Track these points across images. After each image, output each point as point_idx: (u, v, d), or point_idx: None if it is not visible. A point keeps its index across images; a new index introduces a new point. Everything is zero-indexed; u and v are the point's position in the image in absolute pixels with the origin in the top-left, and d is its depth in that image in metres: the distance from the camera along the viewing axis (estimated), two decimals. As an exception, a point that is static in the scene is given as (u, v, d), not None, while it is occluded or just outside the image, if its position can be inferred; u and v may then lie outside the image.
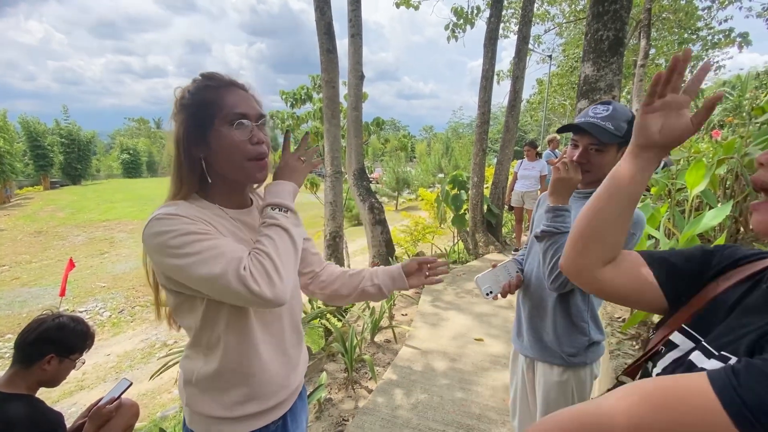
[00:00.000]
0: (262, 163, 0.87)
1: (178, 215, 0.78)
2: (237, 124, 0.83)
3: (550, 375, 1.28)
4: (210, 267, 0.75)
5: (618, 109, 1.15)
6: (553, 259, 1.16)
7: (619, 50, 3.57)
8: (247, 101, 0.87)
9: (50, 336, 1.38)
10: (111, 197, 21.90)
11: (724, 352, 0.47)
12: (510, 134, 6.04)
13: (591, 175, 1.19)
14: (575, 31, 14.33)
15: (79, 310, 8.23)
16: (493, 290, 1.33)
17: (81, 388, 5.39)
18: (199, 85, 0.86)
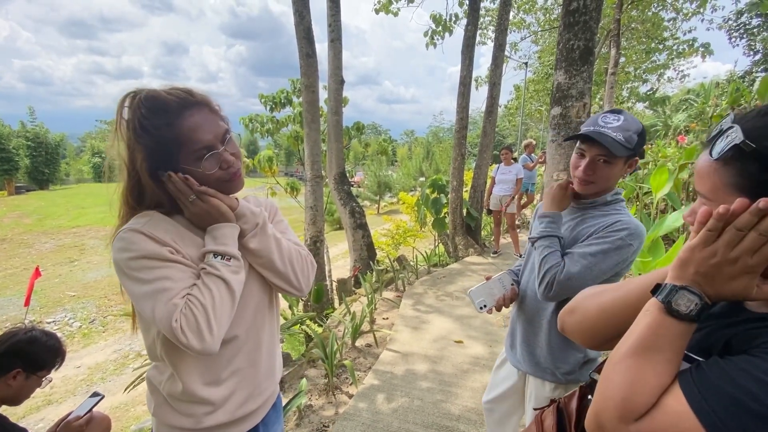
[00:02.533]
0: (238, 176, 0.87)
1: (142, 233, 0.78)
2: (206, 159, 0.81)
3: (542, 390, 1.27)
4: (150, 306, 0.77)
5: (629, 119, 1.11)
6: (545, 266, 1.16)
7: (590, 59, 3.72)
8: (208, 123, 0.81)
9: (20, 349, 1.33)
10: (81, 202, 21.04)
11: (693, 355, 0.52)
12: (488, 139, 6.17)
13: (595, 186, 1.16)
14: (550, 39, 14.77)
15: (46, 321, 7.86)
16: (486, 304, 1.29)
17: (49, 402, 5.14)
18: (150, 121, 0.78)
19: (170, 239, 0.81)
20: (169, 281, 0.78)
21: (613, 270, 1.12)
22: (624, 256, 1.11)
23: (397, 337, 3.27)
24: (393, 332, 3.36)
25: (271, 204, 1.10)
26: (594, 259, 1.11)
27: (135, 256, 0.77)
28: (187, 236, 0.86)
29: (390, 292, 4.61)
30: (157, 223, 0.82)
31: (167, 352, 0.85)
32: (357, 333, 3.24)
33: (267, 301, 0.99)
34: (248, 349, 0.94)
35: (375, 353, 3.09)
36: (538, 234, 1.24)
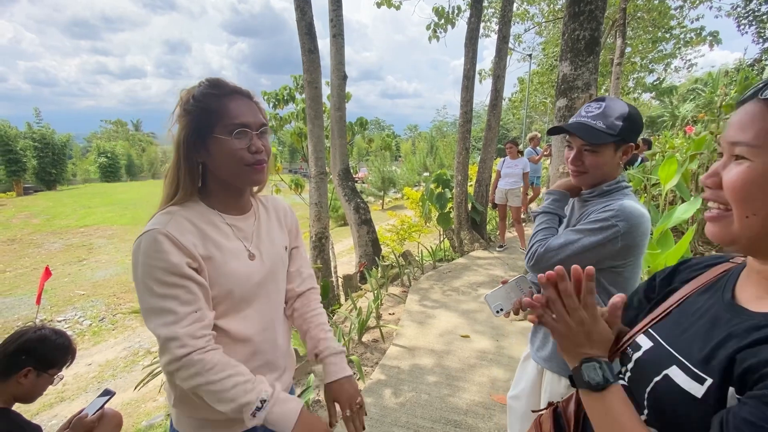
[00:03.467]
0: (259, 167, 0.90)
1: (167, 236, 0.82)
2: (237, 133, 0.86)
3: (558, 386, 1.25)
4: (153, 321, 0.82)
5: (611, 105, 1.10)
6: (533, 239, 1.20)
7: (595, 49, 3.66)
8: (250, 110, 0.89)
9: (30, 348, 1.34)
10: (88, 202, 21.26)
11: (700, 372, 0.49)
12: (492, 132, 6.12)
13: (588, 176, 1.16)
14: (554, 30, 14.60)
15: (57, 320, 7.97)
16: (503, 308, 1.29)
17: (61, 399, 5.23)
18: (203, 91, 0.87)
19: (191, 241, 0.85)
20: (176, 303, 0.82)
21: (597, 250, 1.10)
22: (608, 236, 1.08)
23: (403, 333, 3.27)
24: (399, 327, 3.37)
25: (295, 221, 1.14)
26: (575, 235, 1.12)
27: (153, 265, 0.81)
28: (213, 226, 0.90)
29: (396, 288, 4.61)
30: (181, 221, 0.86)
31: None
32: (363, 329, 3.25)
33: (281, 302, 1.04)
34: (264, 348, 0.97)
35: (381, 348, 3.10)
36: (541, 209, 1.26)
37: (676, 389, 0.50)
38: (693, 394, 0.48)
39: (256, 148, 0.88)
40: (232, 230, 0.94)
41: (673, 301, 0.63)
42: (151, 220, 0.86)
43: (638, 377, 0.58)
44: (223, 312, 0.90)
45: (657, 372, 0.55)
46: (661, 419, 0.53)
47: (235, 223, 0.95)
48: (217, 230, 0.91)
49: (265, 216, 1.05)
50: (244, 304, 0.93)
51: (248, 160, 0.88)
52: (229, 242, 0.92)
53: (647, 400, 0.55)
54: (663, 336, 0.59)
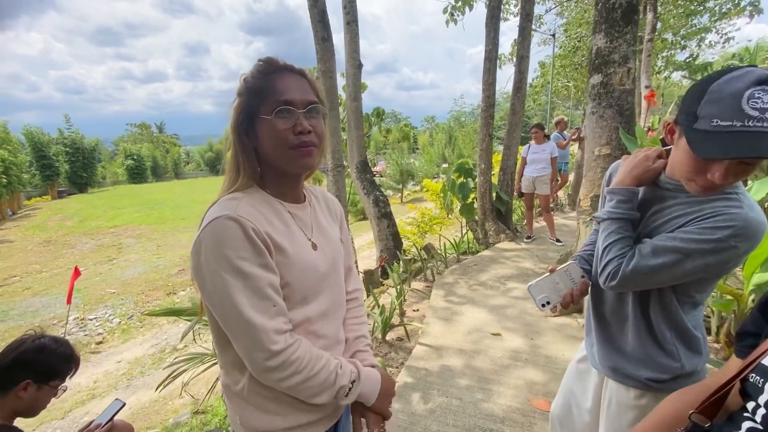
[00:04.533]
0: (306, 150, 0.82)
1: (237, 222, 0.76)
2: (278, 111, 0.79)
3: (625, 397, 1.05)
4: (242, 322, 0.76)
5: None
6: (607, 255, 0.95)
7: (633, 18, 3.34)
8: (297, 87, 0.82)
9: (28, 359, 1.25)
10: (117, 203, 22.01)
11: None
12: (516, 117, 5.81)
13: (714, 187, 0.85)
14: (577, 9, 13.91)
15: (89, 318, 8.22)
16: (551, 300, 1.07)
17: (93, 396, 5.34)
18: (253, 70, 0.83)
19: (263, 227, 0.80)
20: (256, 295, 0.77)
21: (701, 272, 0.88)
22: (722, 260, 0.85)
23: (429, 330, 3.10)
24: (424, 325, 3.19)
25: (342, 213, 1.10)
26: (675, 256, 0.86)
27: (226, 254, 0.74)
28: (277, 214, 0.86)
29: (419, 283, 4.43)
30: (248, 207, 0.80)
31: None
32: (387, 326, 3.10)
33: (343, 295, 1.01)
34: (328, 344, 0.93)
35: (407, 348, 2.94)
36: (605, 215, 1.01)
37: None
38: None
39: (301, 128, 0.80)
40: (294, 219, 0.89)
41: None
42: (213, 207, 0.81)
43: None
44: (290, 305, 0.84)
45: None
46: None
47: (295, 211, 0.91)
48: (281, 218, 0.86)
49: (319, 206, 1.01)
50: (311, 296, 0.88)
51: (292, 142, 0.81)
52: (293, 232, 0.87)
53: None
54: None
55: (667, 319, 0.96)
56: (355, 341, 1.01)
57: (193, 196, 25.19)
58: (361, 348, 1.01)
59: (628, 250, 0.94)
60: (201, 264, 0.76)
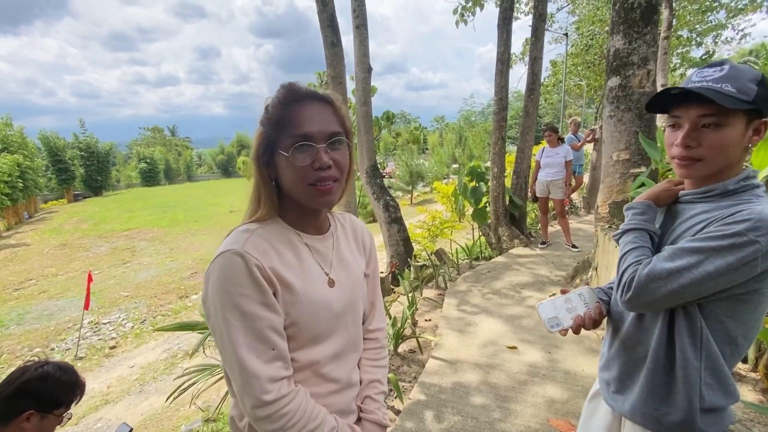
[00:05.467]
0: (325, 188, 0.78)
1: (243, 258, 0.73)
2: (297, 147, 0.75)
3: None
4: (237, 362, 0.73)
5: (738, 67, 0.82)
6: (624, 263, 0.89)
7: (653, 18, 3.22)
8: (318, 117, 0.77)
9: (31, 388, 1.21)
10: (131, 206, 22.36)
11: None
12: (530, 119, 5.68)
13: (705, 165, 0.85)
14: (589, 6, 13.66)
15: (102, 322, 8.32)
16: (561, 323, 1.01)
17: (106, 402, 5.38)
18: (275, 99, 0.79)
19: (270, 262, 0.76)
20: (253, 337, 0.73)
21: (727, 276, 0.78)
22: (744, 257, 0.76)
23: (442, 343, 3.01)
24: (437, 337, 3.11)
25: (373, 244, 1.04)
26: (694, 257, 0.79)
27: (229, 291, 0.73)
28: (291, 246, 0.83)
29: (431, 290, 4.35)
30: (259, 241, 0.78)
31: None
32: (399, 338, 3.02)
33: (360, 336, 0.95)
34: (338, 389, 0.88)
35: (419, 360, 2.86)
36: (623, 228, 0.96)
37: None
38: None
39: (320, 164, 0.76)
40: (311, 252, 0.85)
41: None
42: (228, 237, 0.80)
43: None
44: (297, 345, 0.80)
45: None
46: None
47: (314, 243, 0.87)
48: (296, 252, 0.83)
49: (344, 237, 0.95)
50: (322, 336, 0.83)
51: (310, 179, 0.76)
52: (307, 267, 0.83)
53: None
54: None
55: (694, 347, 0.85)
56: (369, 386, 0.95)
57: (206, 198, 25.49)
58: (373, 395, 0.94)
59: (645, 257, 0.87)
60: (208, 295, 0.76)
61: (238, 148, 45.82)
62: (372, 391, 0.94)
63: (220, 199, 24.34)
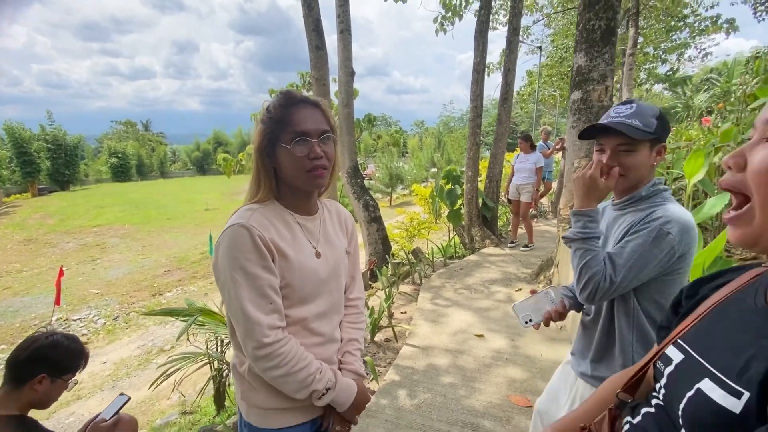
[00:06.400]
0: (318, 173, 0.96)
1: (249, 231, 0.90)
2: (297, 141, 0.93)
3: (588, 394, 1.19)
4: (244, 313, 0.89)
5: (643, 105, 1.09)
6: (586, 273, 1.09)
7: (611, 39, 3.56)
8: (312, 118, 0.96)
9: (43, 355, 1.33)
10: (101, 202, 21.58)
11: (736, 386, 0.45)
12: (503, 127, 6.02)
13: (625, 180, 1.11)
14: (564, 21, 14.32)
15: (72, 318, 8.11)
16: (533, 318, 1.25)
17: (77, 398, 5.31)
18: (275, 102, 0.97)
19: (270, 234, 0.93)
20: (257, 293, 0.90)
21: (659, 266, 1.03)
22: (664, 248, 1.01)
23: (416, 332, 3.23)
24: (412, 327, 3.33)
25: (353, 227, 1.22)
26: (633, 259, 1.04)
27: (237, 256, 0.89)
28: (286, 224, 0.99)
29: (407, 286, 4.57)
30: (260, 218, 0.94)
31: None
32: (376, 328, 3.22)
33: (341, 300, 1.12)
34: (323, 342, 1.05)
35: (395, 348, 3.07)
36: (573, 235, 1.15)
37: (711, 405, 0.46)
38: (731, 410, 0.44)
39: (314, 155, 0.94)
40: (302, 229, 1.02)
41: (703, 310, 0.58)
42: (234, 214, 0.96)
43: (672, 394, 0.54)
44: (289, 303, 0.97)
45: (689, 386, 0.50)
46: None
47: (305, 222, 1.03)
48: (289, 228, 0.99)
49: (329, 219, 1.13)
50: (309, 298, 1.00)
51: (307, 167, 0.94)
52: (299, 241, 1.00)
53: (682, 418, 0.51)
54: (693, 347, 0.55)
55: (628, 323, 1.12)
56: (348, 343, 1.12)
57: (180, 195, 24.87)
58: (352, 351, 1.12)
59: (602, 268, 1.08)
60: (218, 261, 0.92)
61: (214, 145, 44.81)
62: (351, 347, 1.12)
63: (195, 196, 23.83)
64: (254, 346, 0.90)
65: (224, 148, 40.84)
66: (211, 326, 2.89)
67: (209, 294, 8.11)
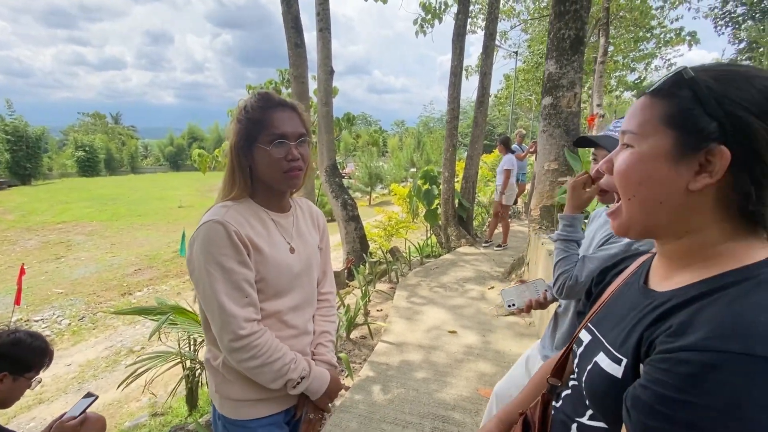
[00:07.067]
0: (294, 173, 1.00)
1: (223, 226, 0.92)
2: (276, 143, 0.96)
3: None
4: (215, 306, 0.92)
5: None
6: (558, 270, 1.22)
7: (580, 48, 3.72)
8: (290, 121, 0.99)
9: (4, 352, 1.30)
10: (66, 198, 20.59)
11: (618, 354, 0.52)
12: (479, 129, 6.17)
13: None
14: (540, 27, 14.74)
15: (34, 319, 7.73)
16: (516, 303, 1.37)
17: (40, 401, 5.08)
18: (252, 103, 0.98)
19: (245, 231, 0.96)
20: (232, 286, 0.93)
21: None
22: (621, 246, 1.13)
23: (391, 329, 3.29)
24: (387, 324, 3.38)
25: (325, 224, 1.26)
26: (600, 264, 1.14)
27: (212, 251, 0.91)
28: (260, 220, 1.02)
29: (384, 284, 4.62)
30: (235, 214, 0.96)
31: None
32: (351, 326, 3.26)
33: (314, 294, 1.16)
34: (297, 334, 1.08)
35: (370, 345, 3.11)
36: (556, 236, 1.30)
37: (602, 373, 0.53)
38: (614, 375, 0.51)
39: (292, 157, 0.97)
40: (276, 226, 1.05)
41: (606, 295, 0.66)
42: (208, 211, 0.98)
43: (581, 372, 0.61)
44: (264, 297, 1.00)
45: (590, 361, 0.57)
46: (597, 405, 0.56)
47: (278, 219, 1.06)
48: (264, 224, 1.02)
49: (302, 216, 1.17)
50: (283, 291, 1.03)
51: (284, 168, 0.98)
52: (273, 236, 1.03)
53: (585, 389, 0.58)
54: (598, 328, 0.62)
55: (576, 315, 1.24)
56: (320, 335, 1.17)
57: (152, 192, 24.02)
58: (324, 342, 1.17)
59: (573, 266, 1.20)
60: (193, 256, 0.95)
61: (189, 140, 43.48)
62: (323, 339, 1.17)
63: (169, 193, 23.09)
64: (230, 338, 0.92)
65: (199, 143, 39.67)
66: (184, 325, 2.85)
67: (182, 293, 7.91)
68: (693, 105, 0.46)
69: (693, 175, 0.46)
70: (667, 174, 0.48)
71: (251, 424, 1.03)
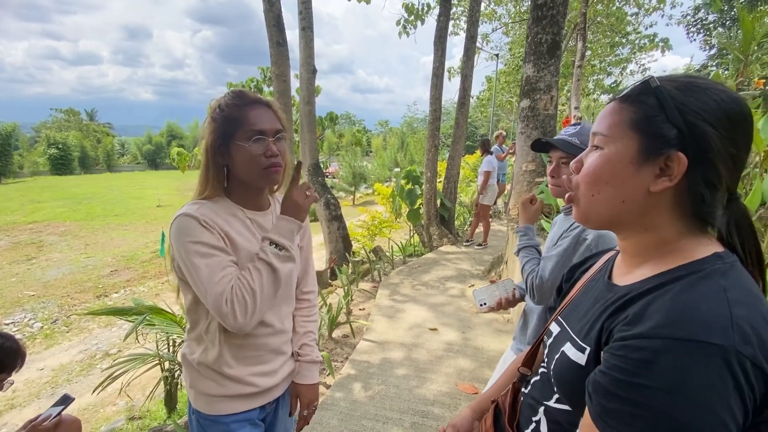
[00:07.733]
0: (274, 170, 1.00)
1: (196, 218, 0.93)
2: (254, 140, 0.96)
3: None
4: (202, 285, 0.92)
5: (586, 126, 1.25)
6: (524, 275, 1.30)
7: (557, 53, 3.84)
8: (267, 118, 0.99)
9: None
10: (37, 196, 19.82)
11: (582, 343, 0.57)
12: (460, 130, 6.26)
13: (563, 189, 1.27)
14: (520, 30, 15.03)
15: (4, 323, 7.43)
16: (487, 302, 1.46)
17: (11, 406, 4.90)
18: (227, 101, 0.98)
19: (219, 223, 0.96)
20: (218, 266, 0.92)
21: (569, 257, 1.21)
22: (583, 252, 1.19)
23: (373, 327, 3.32)
24: (369, 322, 3.41)
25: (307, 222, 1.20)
26: (557, 259, 1.23)
27: (189, 240, 0.92)
28: (235, 217, 1.02)
29: (366, 283, 4.65)
30: (208, 211, 0.96)
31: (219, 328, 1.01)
32: (334, 324, 3.28)
33: (293, 293, 1.17)
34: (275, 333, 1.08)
35: (351, 344, 3.14)
36: (518, 247, 1.39)
37: (568, 361, 0.58)
38: (579, 363, 0.56)
39: (271, 153, 0.97)
40: (252, 224, 1.04)
41: (575, 291, 0.71)
42: (181, 208, 0.97)
43: (550, 361, 0.65)
44: None
45: (558, 351, 0.62)
46: (563, 390, 0.60)
47: (255, 217, 1.05)
48: (239, 222, 1.02)
49: None
50: None
51: (264, 164, 0.97)
52: (248, 234, 1.02)
53: (553, 377, 0.62)
54: (566, 320, 0.66)
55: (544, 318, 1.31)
56: (304, 335, 1.18)
57: (129, 191, 23.36)
58: (308, 342, 1.18)
59: (536, 268, 1.29)
60: (173, 247, 0.97)
61: (168, 138, 42.45)
62: (307, 339, 1.18)
63: (146, 192, 22.49)
64: (225, 312, 0.91)
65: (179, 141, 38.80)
66: (162, 326, 2.81)
67: (161, 294, 7.74)
68: (657, 112, 0.50)
69: (654, 178, 0.51)
70: (631, 176, 0.52)
71: (225, 420, 1.03)
